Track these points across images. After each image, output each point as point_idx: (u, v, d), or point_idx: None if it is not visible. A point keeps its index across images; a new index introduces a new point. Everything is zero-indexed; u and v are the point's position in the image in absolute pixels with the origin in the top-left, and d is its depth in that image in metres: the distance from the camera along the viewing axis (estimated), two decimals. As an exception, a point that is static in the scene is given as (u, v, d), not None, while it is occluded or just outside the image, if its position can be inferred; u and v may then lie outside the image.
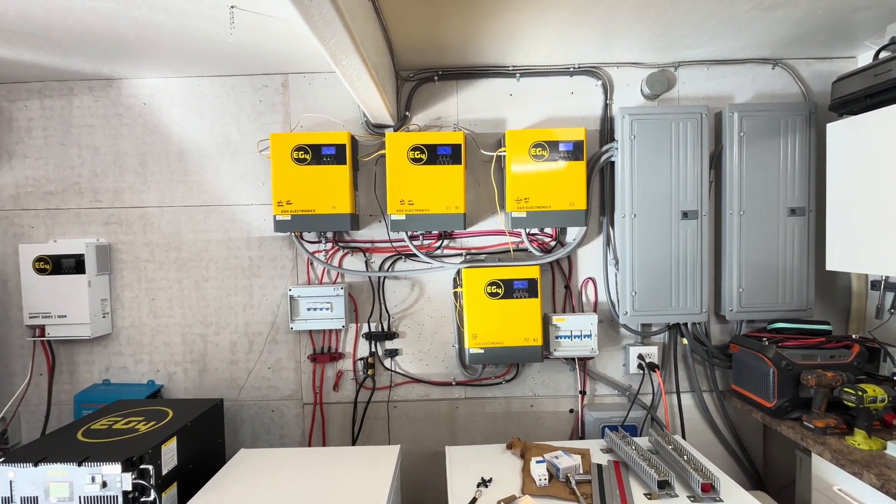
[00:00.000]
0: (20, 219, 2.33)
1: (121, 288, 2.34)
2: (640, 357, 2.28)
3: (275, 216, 2.11)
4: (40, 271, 2.21)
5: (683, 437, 2.32)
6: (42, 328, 2.23)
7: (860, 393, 1.66)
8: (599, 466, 1.75)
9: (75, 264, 2.20)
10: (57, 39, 1.85)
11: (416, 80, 2.28)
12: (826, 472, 1.72)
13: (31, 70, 2.16)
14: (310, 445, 2.34)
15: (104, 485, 1.49)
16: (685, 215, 2.16)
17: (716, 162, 2.26)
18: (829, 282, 2.32)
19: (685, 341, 2.27)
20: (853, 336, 2.04)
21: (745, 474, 2.37)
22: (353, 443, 2.35)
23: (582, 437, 2.34)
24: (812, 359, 1.90)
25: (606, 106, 2.29)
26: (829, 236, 1.96)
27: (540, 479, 1.64)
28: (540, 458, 1.72)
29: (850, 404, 1.69)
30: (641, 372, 2.28)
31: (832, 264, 1.96)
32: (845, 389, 1.70)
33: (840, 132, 1.90)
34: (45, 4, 1.58)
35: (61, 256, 2.20)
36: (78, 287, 2.20)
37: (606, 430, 1.98)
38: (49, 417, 2.32)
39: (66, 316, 2.21)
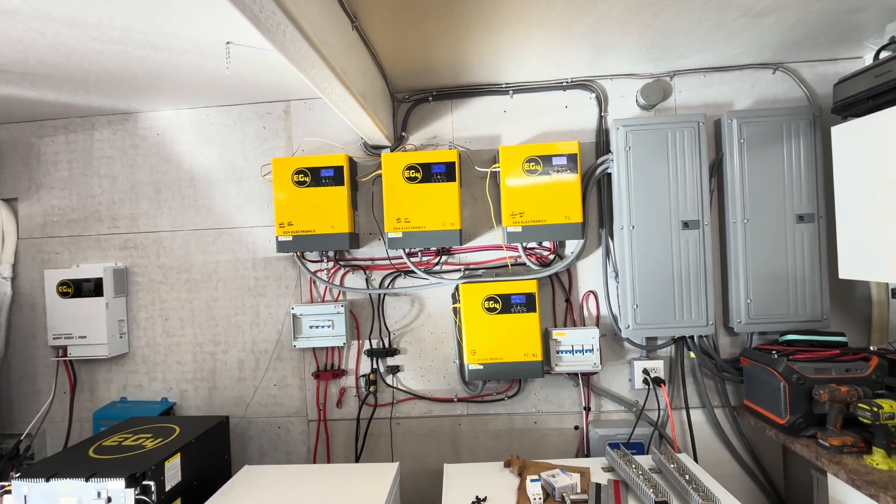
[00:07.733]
0: (47, 245, 2.49)
1: (136, 309, 2.46)
2: (646, 371, 2.21)
3: (277, 237, 2.18)
4: (63, 294, 2.35)
5: (694, 455, 2.22)
6: (65, 349, 2.36)
7: (875, 409, 1.56)
8: (598, 486, 1.70)
9: (94, 287, 2.33)
10: (76, 80, 2.01)
11: (411, 101, 2.34)
12: (843, 494, 1.62)
13: (56, 108, 2.33)
14: (314, 462, 2.37)
15: (109, 500, 1.56)
16: (686, 225, 2.12)
17: (717, 170, 2.21)
18: (846, 291, 2.21)
19: (692, 355, 2.20)
20: (871, 348, 1.94)
21: (765, 496, 2.24)
22: (357, 459, 2.36)
23: (587, 455, 2.27)
24: (825, 372, 1.81)
25: (601, 118, 2.29)
26: (841, 243, 1.87)
27: (535, 499, 1.61)
28: (535, 477, 1.69)
29: (865, 421, 1.60)
30: (647, 387, 2.21)
31: (845, 272, 1.86)
32: (860, 405, 1.61)
33: (845, 135, 1.83)
34: (61, 49, 1.72)
35: (82, 280, 2.34)
36: (97, 309, 2.33)
37: (607, 447, 1.93)
38: (70, 434, 2.44)
39: (86, 336, 2.34)
